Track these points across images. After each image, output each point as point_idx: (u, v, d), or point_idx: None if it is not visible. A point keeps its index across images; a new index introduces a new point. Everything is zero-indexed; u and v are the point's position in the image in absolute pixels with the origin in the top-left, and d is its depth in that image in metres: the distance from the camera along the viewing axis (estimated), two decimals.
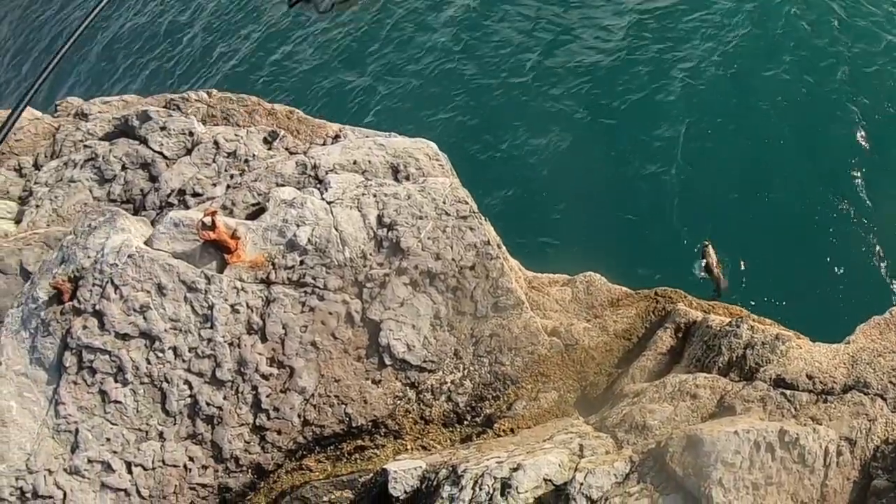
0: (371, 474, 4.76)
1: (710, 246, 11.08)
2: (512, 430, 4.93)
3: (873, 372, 4.33)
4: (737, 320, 4.97)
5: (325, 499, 4.83)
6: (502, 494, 3.94)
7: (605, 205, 12.65)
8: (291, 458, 4.99)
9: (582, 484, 3.71)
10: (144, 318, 4.86)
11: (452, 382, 5.03)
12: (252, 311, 4.92)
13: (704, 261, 10.99)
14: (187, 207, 5.80)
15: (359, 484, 4.78)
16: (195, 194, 5.94)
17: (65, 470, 4.82)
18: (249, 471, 4.95)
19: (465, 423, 5.06)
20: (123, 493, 4.86)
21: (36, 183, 6.80)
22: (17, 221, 6.61)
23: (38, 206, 6.51)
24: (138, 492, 4.87)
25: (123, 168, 6.43)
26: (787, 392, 4.34)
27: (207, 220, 4.84)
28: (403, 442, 5.00)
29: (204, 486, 4.93)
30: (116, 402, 4.85)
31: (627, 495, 3.59)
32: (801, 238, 11.74)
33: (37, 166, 7.26)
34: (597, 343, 5.31)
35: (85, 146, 6.82)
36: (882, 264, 11.20)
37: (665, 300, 5.57)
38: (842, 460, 3.84)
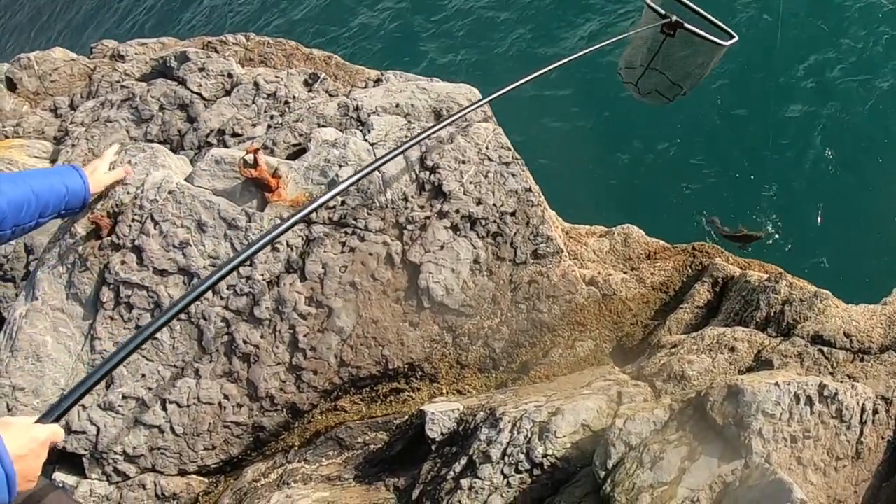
0: (406, 416, 4.76)
1: (715, 221, 11.10)
2: (548, 378, 4.93)
3: None
4: (775, 276, 4.95)
5: (360, 440, 4.84)
6: (540, 438, 3.94)
7: (644, 159, 12.63)
8: (326, 398, 5.00)
9: (621, 430, 3.70)
10: (184, 254, 4.87)
11: (489, 328, 5.03)
12: (292, 249, 4.92)
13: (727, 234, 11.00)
14: (227, 147, 5.79)
15: (394, 426, 4.79)
16: (234, 134, 5.93)
17: (99, 406, 4.84)
18: (284, 410, 4.96)
19: (501, 369, 5.06)
20: (157, 430, 4.88)
21: (72, 123, 6.80)
22: (53, 161, 6.62)
23: (73, 146, 6.51)
24: (172, 429, 4.89)
25: (161, 108, 6.42)
26: (825, 349, 4.32)
27: (249, 157, 4.83)
28: (439, 386, 5.01)
29: (238, 424, 4.95)
30: (153, 338, 4.86)
31: (666, 442, 3.58)
32: (839, 199, 11.69)
33: (73, 107, 7.26)
34: (634, 294, 5.30)
35: (122, 87, 6.81)
36: None
37: (703, 255, 5.54)
38: (877, 419, 3.83)
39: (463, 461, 4.05)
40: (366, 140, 5.18)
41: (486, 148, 5.18)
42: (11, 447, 2.74)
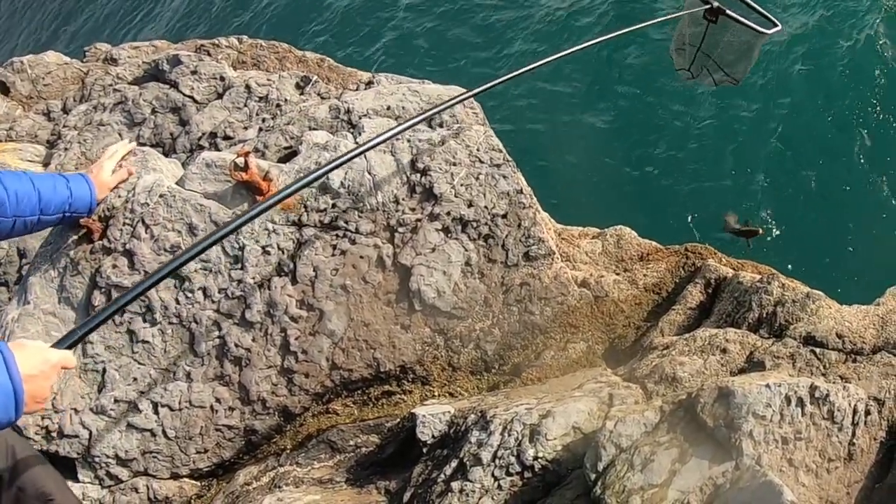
0: (398, 419, 4.76)
1: (729, 218, 11.16)
2: (539, 380, 4.93)
3: None
4: (767, 277, 4.95)
5: (352, 443, 4.84)
6: (531, 441, 3.94)
7: (637, 160, 12.64)
8: (318, 401, 5.00)
9: (612, 432, 3.70)
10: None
11: (481, 330, 5.03)
12: (283, 252, 4.91)
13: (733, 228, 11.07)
14: (218, 150, 5.78)
15: (385, 429, 4.79)
16: (226, 137, 5.93)
17: (91, 409, 4.83)
18: (276, 413, 4.96)
19: (493, 371, 5.06)
20: (149, 434, 4.88)
21: (65, 126, 6.80)
22: (45, 164, 6.61)
23: (66, 150, 6.50)
24: (164, 432, 4.89)
25: (153, 112, 6.41)
26: (817, 350, 4.32)
27: (240, 160, 4.83)
28: (431, 388, 5.01)
29: (230, 427, 4.95)
30: (144, 341, 4.85)
31: (657, 444, 3.58)
32: (832, 201, 11.71)
33: (65, 110, 7.26)
34: (626, 296, 5.30)
35: (114, 90, 6.80)
36: None
37: (695, 256, 5.54)
38: (870, 420, 3.82)
39: (454, 464, 4.05)
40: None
41: (478, 150, 5.17)
42: (23, 367, 2.81)
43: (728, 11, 7.16)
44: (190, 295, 4.85)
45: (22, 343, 2.89)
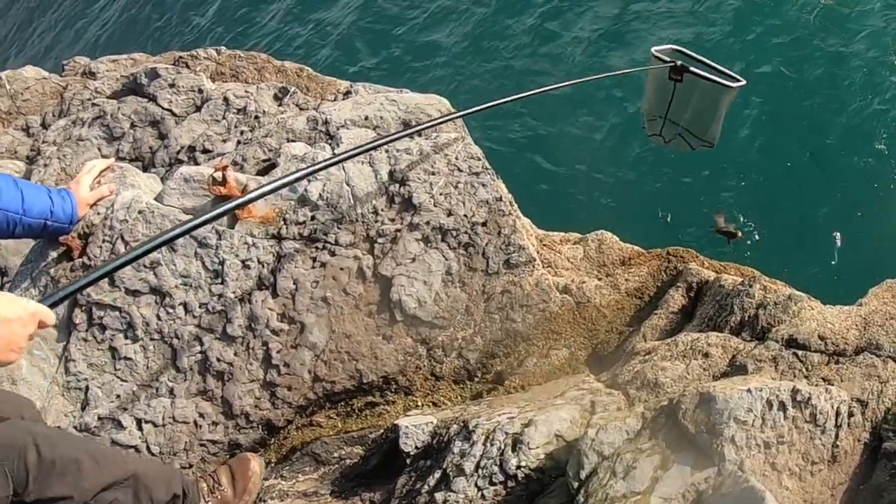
0: (382, 430, 4.76)
1: (719, 218, 11.24)
2: (522, 387, 4.93)
3: (885, 334, 4.30)
4: (749, 280, 4.95)
5: (336, 455, 4.83)
6: (514, 450, 3.94)
7: (617, 164, 12.66)
8: (302, 414, 4.99)
9: (594, 440, 3.70)
10: (155, 273, 4.85)
11: (463, 339, 5.02)
12: (263, 266, 4.90)
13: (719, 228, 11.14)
14: (197, 164, 5.76)
15: (369, 440, 4.78)
16: (205, 151, 5.90)
17: (75, 427, 4.81)
18: (260, 427, 4.95)
19: (476, 379, 5.06)
20: (134, 450, 4.86)
21: (44, 142, 6.76)
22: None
23: (45, 165, 6.47)
24: (148, 448, 4.87)
25: (132, 126, 6.38)
26: (800, 352, 4.32)
27: (218, 174, 4.82)
28: (414, 398, 5.01)
29: (214, 442, 4.93)
30: (127, 358, 4.84)
31: (639, 451, 3.57)
32: (814, 203, 11.74)
33: (45, 126, 7.22)
34: (608, 301, 5.30)
35: (93, 104, 6.77)
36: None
37: (677, 260, 5.54)
38: (853, 421, 3.83)
39: (437, 474, 4.05)
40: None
41: (456, 159, 5.17)
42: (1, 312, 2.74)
43: (692, 68, 7.30)
44: (171, 310, 4.84)
45: (1, 293, 2.85)
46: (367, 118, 5.48)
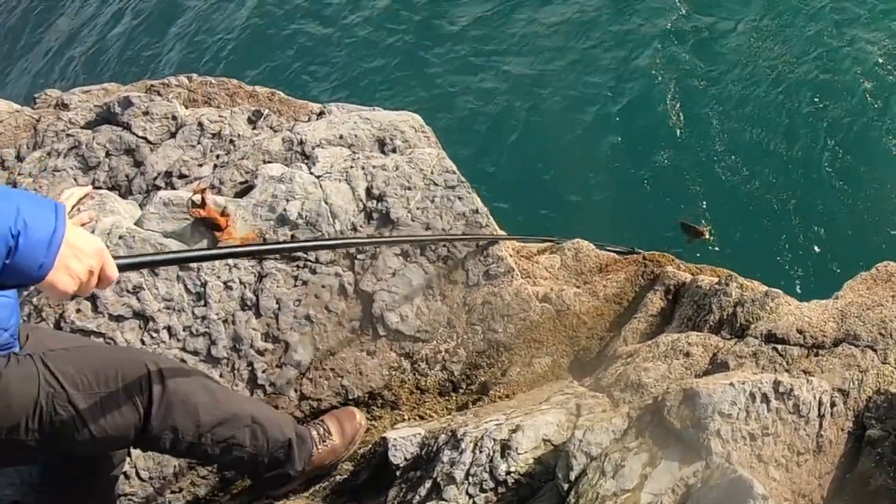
0: (370, 445, 4.77)
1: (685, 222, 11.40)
2: (507, 396, 4.96)
3: (863, 325, 4.37)
4: (726, 279, 5.01)
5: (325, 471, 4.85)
6: (503, 456, 3.96)
7: (592, 170, 12.72)
8: None
9: (581, 441, 3.73)
10: (138, 298, 4.86)
11: (447, 351, 5.06)
12: (245, 287, 4.93)
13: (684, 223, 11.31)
14: (174, 189, 5.79)
15: (358, 455, 4.79)
16: (182, 176, 5.93)
17: None
18: None
19: (461, 391, 5.09)
20: (123, 476, 4.85)
21: (19, 174, 6.76)
22: None
23: None
24: (137, 474, 4.85)
25: (108, 154, 6.40)
26: (779, 347, 4.37)
27: (197, 197, 4.85)
28: (400, 412, 5.03)
29: (204, 465, 4.93)
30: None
31: (627, 450, 3.61)
32: (787, 201, 11.82)
33: (19, 158, 7.22)
34: (587, 308, 5.35)
35: (67, 135, 6.78)
36: (869, 221, 11.30)
37: (653, 264, 5.60)
38: (836, 411, 3.88)
39: (428, 485, 4.06)
40: (311, 173, 5.22)
41: (431, 173, 5.22)
42: (71, 234, 2.64)
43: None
44: (155, 335, 4.85)
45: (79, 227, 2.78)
46: (341, 137, 5.53)
